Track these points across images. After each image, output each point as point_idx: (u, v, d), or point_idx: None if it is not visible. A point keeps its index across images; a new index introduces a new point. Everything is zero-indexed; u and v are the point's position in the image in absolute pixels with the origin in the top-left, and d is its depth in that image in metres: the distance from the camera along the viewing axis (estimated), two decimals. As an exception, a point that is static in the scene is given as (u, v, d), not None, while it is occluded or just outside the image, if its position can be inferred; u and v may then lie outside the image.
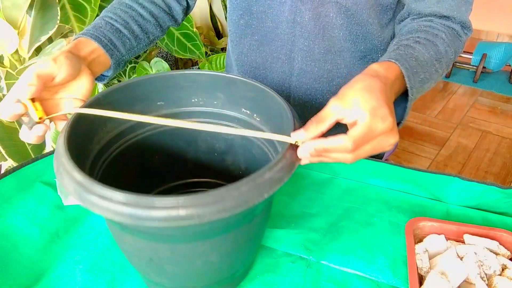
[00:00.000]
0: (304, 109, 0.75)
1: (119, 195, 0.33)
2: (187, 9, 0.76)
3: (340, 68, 0.71)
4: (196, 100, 0.54)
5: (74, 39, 0.59)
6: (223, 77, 0.51)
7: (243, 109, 0.52)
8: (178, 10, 0.73)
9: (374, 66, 0.47)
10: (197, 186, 0.60)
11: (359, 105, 0.40)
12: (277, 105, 0.46)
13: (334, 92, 0.73)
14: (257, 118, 0.52)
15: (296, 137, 0.40)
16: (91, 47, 0.58)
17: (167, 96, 0.52)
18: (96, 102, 0.47)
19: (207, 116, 0.54)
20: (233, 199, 0.33)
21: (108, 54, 0.60)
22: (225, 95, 0.53)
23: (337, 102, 0.41)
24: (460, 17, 0.60)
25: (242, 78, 0.50)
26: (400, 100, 0.55)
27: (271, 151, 0.50)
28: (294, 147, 0.40)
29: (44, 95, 0.50)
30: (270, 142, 0.50)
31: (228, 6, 0.74)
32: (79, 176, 0.35)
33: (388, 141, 0.41)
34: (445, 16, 0.60)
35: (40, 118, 0.47)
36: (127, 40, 0.64)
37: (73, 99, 0.52)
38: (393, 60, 0.50)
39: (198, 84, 0.52)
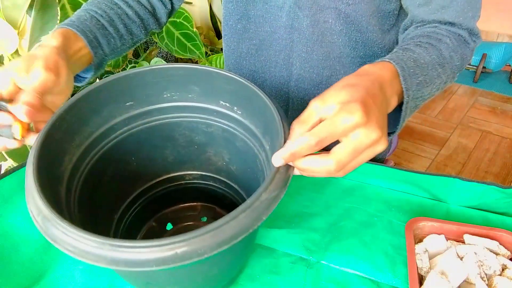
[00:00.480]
0: None
1: (112, 244, 0.31)
2: (171, 12, 0.74)
3: (339, 74, 0.70)
4: (168, 95, 0.50)
5: (58, 28, 0.52)
6: (196, 69, 0.48)
7: (222, 102, 0.50)
8: (162, 12, 0.70)
9: (366, 66, 0.45)
10: (181, 179, 0.59)
11: (334, 98, 0.37)
12: (259, 99, 0.44)
13: None
14: (238, 111, 0.49)
15: (286, 152, 0.37)
16: (79, 45, 0.52)
17: (136, 95, 0.49)
18: (60, 120, 0.42)
19: (182, 110, 0.52)
20: (233, 229, 0.33)
21: (93, 52, 0.54)
22: (200, 88, 0.50)
23: (317, 101, 0.39)
24: (466, 23, 0.56)
25: (218, 71, 0.47)
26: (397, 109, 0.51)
27: (257, 146, 0.49)
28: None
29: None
30: (255, 136, 0.48)
31: (223, 11, 0.73)
32: (65, 225, 0.33)
33: (363, 134, 0.36)
34: (450, 23, 0.57)
35: (22, 137, 0.43)
36: (112, 39, 0.59)
37: (47, 108, 0.47)
38: (387, 60, 0.46)
39: (168, 79, 0.49)
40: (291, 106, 0.75)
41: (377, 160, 0.85)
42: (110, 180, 0.51)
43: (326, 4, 0.63)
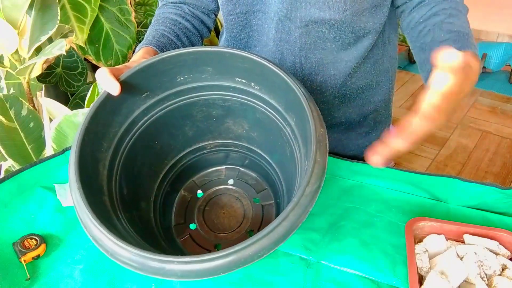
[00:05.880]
0: None
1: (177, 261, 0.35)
2: (214, 20, 0.82)
3: (333, 79, 0.70)
4: (181, 78, 0.51)
5: (143, 46, 0.64)
6: (207, 51, 0.47)
7: (237, 78, 0.50)
8: (210, 22, 0.78)
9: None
10: (202, 149, 0.61)
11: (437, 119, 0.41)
12: (278, 78, 0.44)
13: (327, 102, 0.73)
14: (255, 87, 0.49)
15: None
16: None
17: (150, 85, 0.50)
18: (88, 131, 0.44)
19: (198, 90, 0.53)
20: (285, 228, 0.37)
21: None
22: (213, 68, 0.50)
23: (423, 123, 0.41)
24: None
25: (232, 51, 0.46)
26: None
27: (280, 119, 0.49)
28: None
29: None
30: (277, 110, 0.49)
31: (225, 24, 0.74)
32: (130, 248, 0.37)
33: None
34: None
35: None
36: None
37: None
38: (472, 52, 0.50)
39: (180, 64, 0.49)
40: None
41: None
42: (141, 166, 0.54)
43: (319, 16, 0.62)
